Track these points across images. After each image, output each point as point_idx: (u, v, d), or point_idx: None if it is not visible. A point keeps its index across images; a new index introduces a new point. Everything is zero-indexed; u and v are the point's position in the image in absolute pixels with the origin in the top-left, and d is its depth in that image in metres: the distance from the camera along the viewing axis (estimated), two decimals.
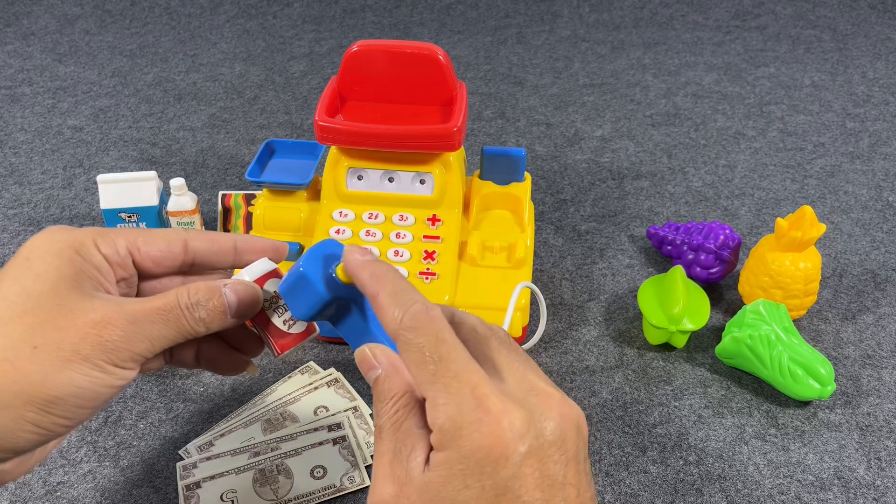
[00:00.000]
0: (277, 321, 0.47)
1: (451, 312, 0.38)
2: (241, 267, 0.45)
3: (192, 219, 0.77)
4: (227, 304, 0.41)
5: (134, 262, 0.42)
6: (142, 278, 0.43)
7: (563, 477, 0.32)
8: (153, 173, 0.78)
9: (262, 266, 0.46)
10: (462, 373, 0.33)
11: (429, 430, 0.34)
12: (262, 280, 0.46)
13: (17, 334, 0.36)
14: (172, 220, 0.77)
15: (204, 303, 0.40)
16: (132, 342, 0.38)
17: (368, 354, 0.37)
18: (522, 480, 0.31)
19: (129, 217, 0.77)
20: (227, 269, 0.46)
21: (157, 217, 0.78)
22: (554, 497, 0.32)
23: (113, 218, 0.77)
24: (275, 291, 0.45)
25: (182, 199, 0.77)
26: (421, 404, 0.35)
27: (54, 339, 0.36)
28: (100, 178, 0.77)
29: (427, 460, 0.33)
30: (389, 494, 0.33)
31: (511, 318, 0.65)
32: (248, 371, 0.46)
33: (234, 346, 0.45)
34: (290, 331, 0.47)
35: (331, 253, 0.40)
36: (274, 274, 0.46)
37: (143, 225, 0.78)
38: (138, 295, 0.43)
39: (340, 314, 0.39)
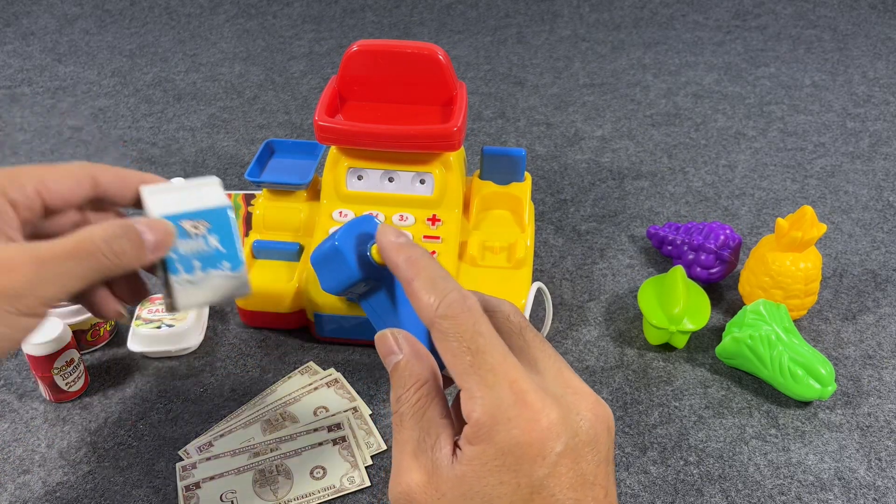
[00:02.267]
0: (61, 382, 0.61)
1: (484, 299, 0.37)
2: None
3: None
4: (145, 240, 0.38)
5: (42, 201, 0.40)
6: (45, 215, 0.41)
7: (594, 477, 0.32)
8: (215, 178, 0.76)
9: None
10: (499, 366, 0.32)
11: (451, 420, 0.34)
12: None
13: None
14: None
15: (121, 234, 0.37)
16: (39, 286, 0.36)
17: (389, 338, 0.35)
18: (557, 479, 0.31)
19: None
20: (129, 206, 0.43)
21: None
22: (585, 497, 0.31)
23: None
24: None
25: None
26: (442, 393, 0.35)
27: None
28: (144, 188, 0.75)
29: (454, 452, 0.32)
30: (417, 483, 0.32)
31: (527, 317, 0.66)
32: (118, 318, 0.44)
33: (114, 292, 0.42)
34: (69, 390, 0.63)
35: (367, 231, 0.38)
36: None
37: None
38: (37, 235, 0.40)
39: (368, 294, 0.38)
